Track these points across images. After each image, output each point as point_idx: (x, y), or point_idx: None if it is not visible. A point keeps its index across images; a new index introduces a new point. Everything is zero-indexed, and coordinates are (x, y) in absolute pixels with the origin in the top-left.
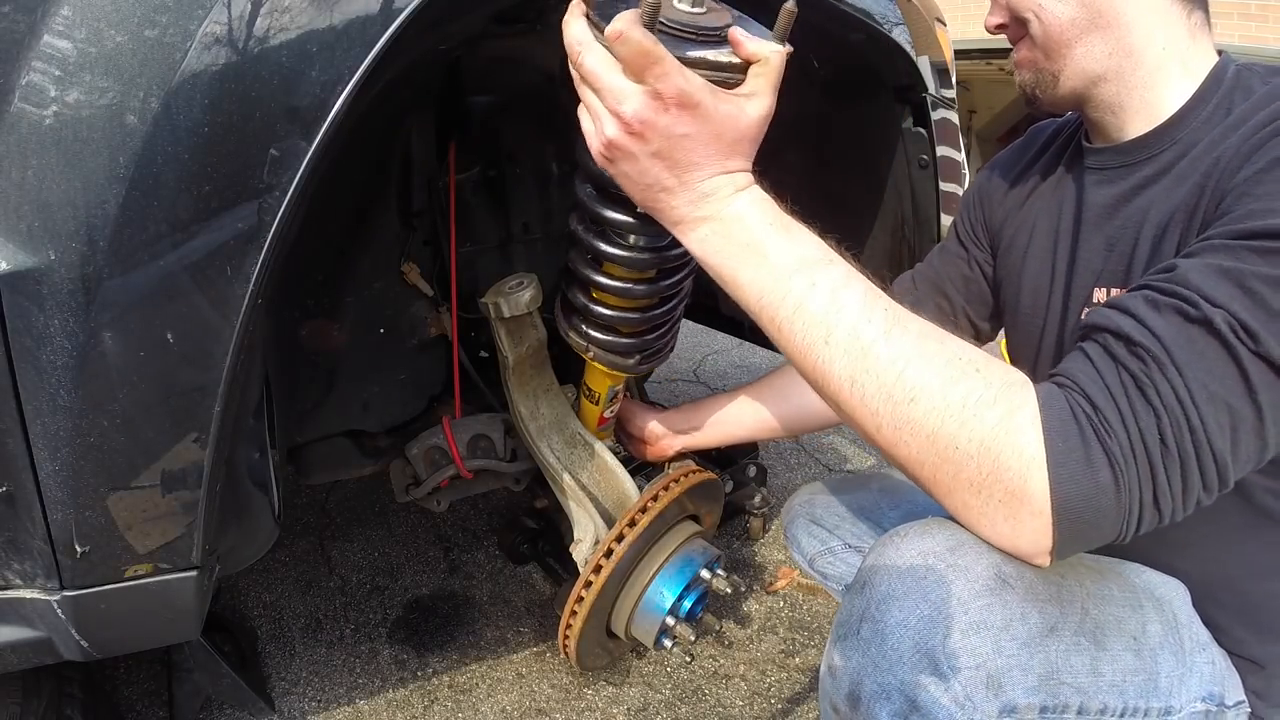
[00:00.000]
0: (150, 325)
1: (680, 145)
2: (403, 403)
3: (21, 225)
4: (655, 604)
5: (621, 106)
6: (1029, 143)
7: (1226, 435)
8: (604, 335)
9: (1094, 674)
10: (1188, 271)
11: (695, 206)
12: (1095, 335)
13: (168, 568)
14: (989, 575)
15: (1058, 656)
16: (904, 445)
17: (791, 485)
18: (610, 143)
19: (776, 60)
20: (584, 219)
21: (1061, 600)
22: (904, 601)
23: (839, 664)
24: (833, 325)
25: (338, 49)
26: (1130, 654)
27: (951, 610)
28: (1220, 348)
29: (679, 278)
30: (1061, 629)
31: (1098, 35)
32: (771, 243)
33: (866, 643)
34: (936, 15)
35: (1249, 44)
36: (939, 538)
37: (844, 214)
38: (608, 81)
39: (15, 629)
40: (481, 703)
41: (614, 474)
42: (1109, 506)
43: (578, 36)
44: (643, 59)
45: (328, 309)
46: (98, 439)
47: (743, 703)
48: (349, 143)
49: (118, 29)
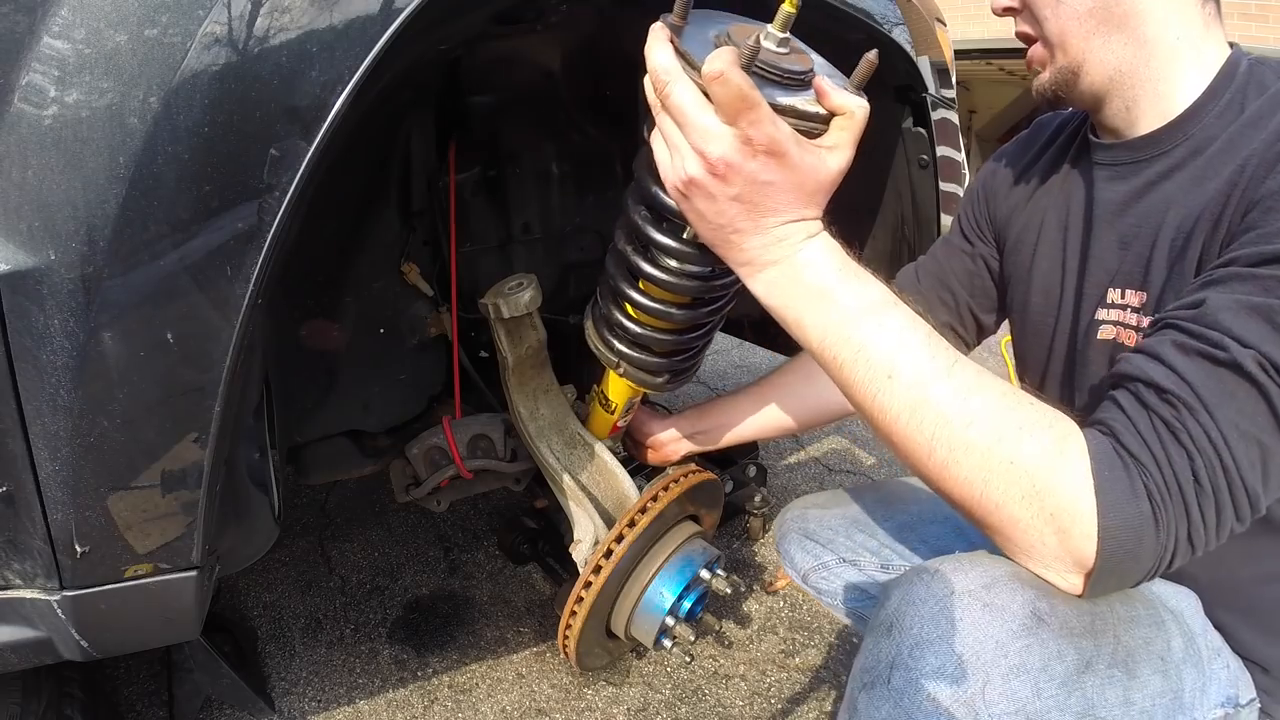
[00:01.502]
0: (150, 325)
1: (762, 191)
2: (403, 403)
3: (21, 225)
4: (655, 604)
5: (708, 147)
6: (1034, 136)
7: (1258, 470)
8: (637, 353)
9: (1125, 704)
10: (1217, 311)
11: (767, 250)
12: (1127, 384)
13: (168, 568)
14: (1025, 614)
15: (1093, 692)
16: (956, 465)
17: (791, 485)
18: (691, 180)
19: (861, 115)
20: (632, 238)
21: (1095, 631)
22: (939, 647)
23: (865, 713)
24: (897, 362)
25: (338, 49)
26: (1158, 676)
27: (989, 655)
28: (1250, 388)
29: (722, 305)
30: (1096, 663)
31: (1113, 27)
32: (840, 289)
33: (899, 693)
34: (936, 15)
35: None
36: (972, 575)
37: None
38: (695, 119)
39: (15, 629)
40: (481, 703)
41: (613, 474)
42: (1149, 538)
43: (664, 65)
44: (740, 103)
45: (328, 309)
46: (98, 439)
47: (743, 703)
48: (349, 143)
49: (117, 29)
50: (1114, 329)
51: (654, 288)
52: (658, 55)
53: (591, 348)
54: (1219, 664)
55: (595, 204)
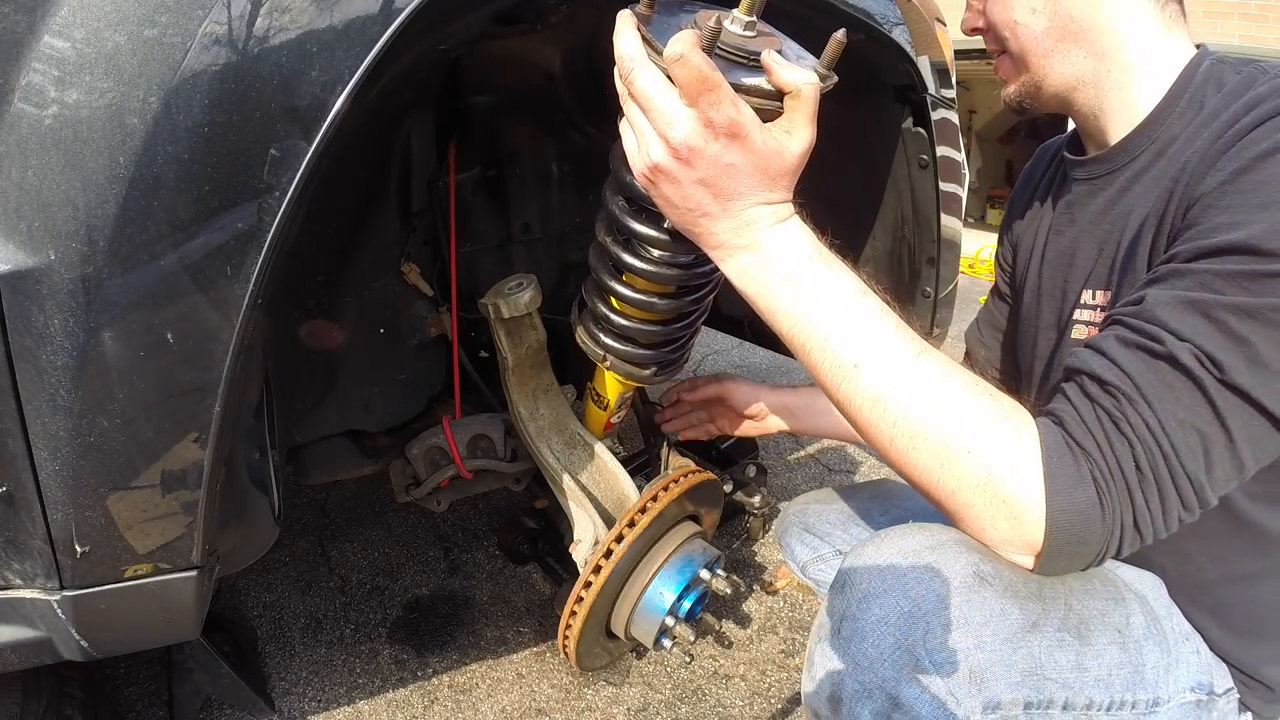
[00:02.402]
0: (150, 325)
1: (726, 174)
2: (403, 403)
3: (21, 225)
4: (655, 604)
5: (671, 131)
6: (1035, 165)
7: (1199, 458)
8: (623, 345)
9: (1079, 669)
10: (1155, 307)
11: (736, 234)
12: (1075, 377)
13: (168, 568)
14: (968, 573)
15: (1041, 652)
16: (916, 453)
17: (791, 485)
18: (655, 166)
19: (809, 92)
20: (612, 230)
21: (1043, 597)
22: (884, 599)
23: (819, 665)
24: (864, 353)
25: (338, 49)
26: (1115, 648)
27: (932, 607)
28: (1186, 380)
29: (705, 293)
30: (1044, 625)
31: (1072, 43)
32: (809, 275)
33: (847, 641)
34: (936, 15)
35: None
36: (918, 538)
37: (844, 214)
38: (659, 103)
39: (15, 629)
40: (481, 703)
41: (613, 474)
42: (1095, 522)
43: (629, 52)
44: (700, 84)
45: (328, 309)
46: (98, 439)
47: (743, 703)
48: (349, 143)
49: (117, 29)
50: (1085, 328)
51: (636, 279)
52: (624, 41)
53: (579, 343)
54: (1188, 648)
55: (595, 204)
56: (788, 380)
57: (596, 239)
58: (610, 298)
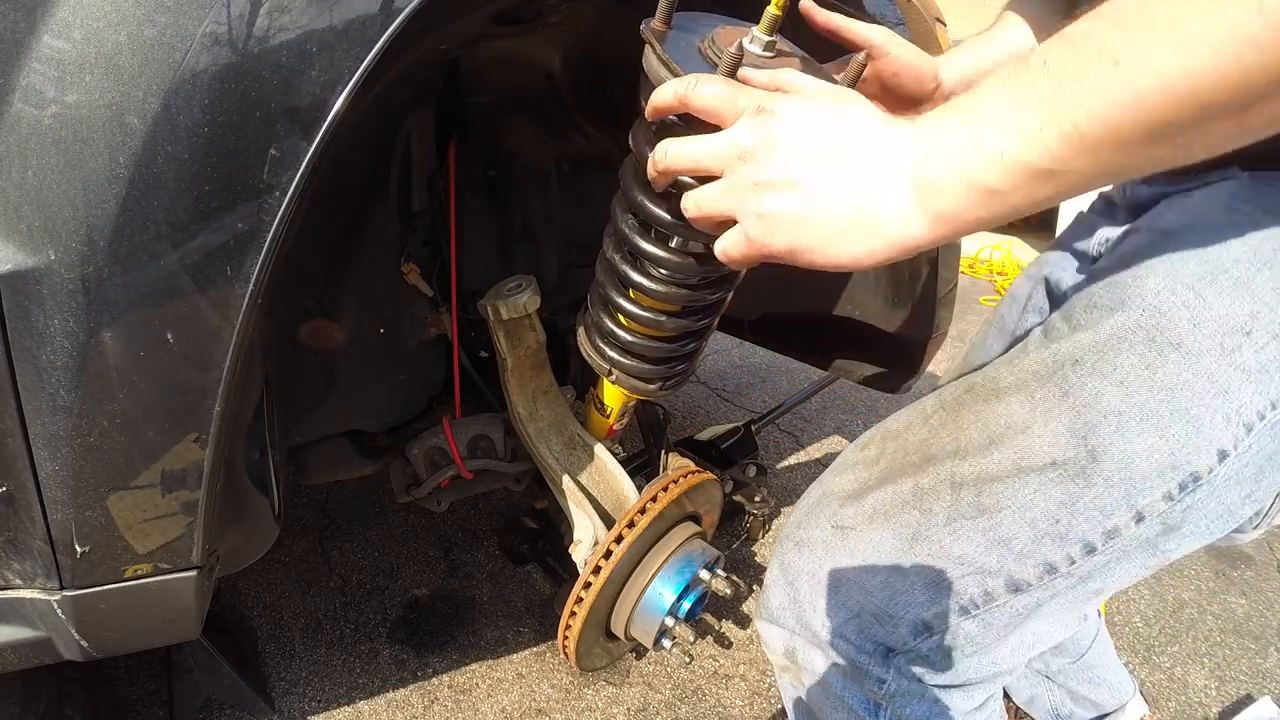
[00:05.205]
0: (150, 325)
1: (801, 128)
2: (403, 403)
3: (21, 225)
4: (655, 604)
5: (739, 148)
6: None
7: None
8: (629, 360)
9: (1000, 544)
10: None
11: (889, 170)
12: None
13: (168, 568)
14: (827, 532)
15: (935, 559)
16: None
17: (791, 485)
18: (757, 184)
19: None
20: (620, 248)
21: (919, 495)
22: (773, 590)
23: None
24: (1119, 51)
25: (338, 49)
26: (1049, 481)
27: (804, 586)
28: None
29: (713, 312)
30: (929, 527)
31: None
32: (1001, 114)
33: (765, 626)
34: (936, 15)
35: None
36: (795, 518)
37: None
38: (711, 149)
39: (15, 629)
40: (481, 703)
41: (613, 475)
42: None
43: (672, 152)
44: (726, 103)
45: (328, 309)
46: (98, 439)
47: (743, 703)
48: (349, 143)
49: (117, 29)
50: None
51: (644, 296)
52: (663, 97)
53: (584, 355)
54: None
55: (595, 203)
56: (788, 380)
57: (604, 255)
58: (617, 314)
